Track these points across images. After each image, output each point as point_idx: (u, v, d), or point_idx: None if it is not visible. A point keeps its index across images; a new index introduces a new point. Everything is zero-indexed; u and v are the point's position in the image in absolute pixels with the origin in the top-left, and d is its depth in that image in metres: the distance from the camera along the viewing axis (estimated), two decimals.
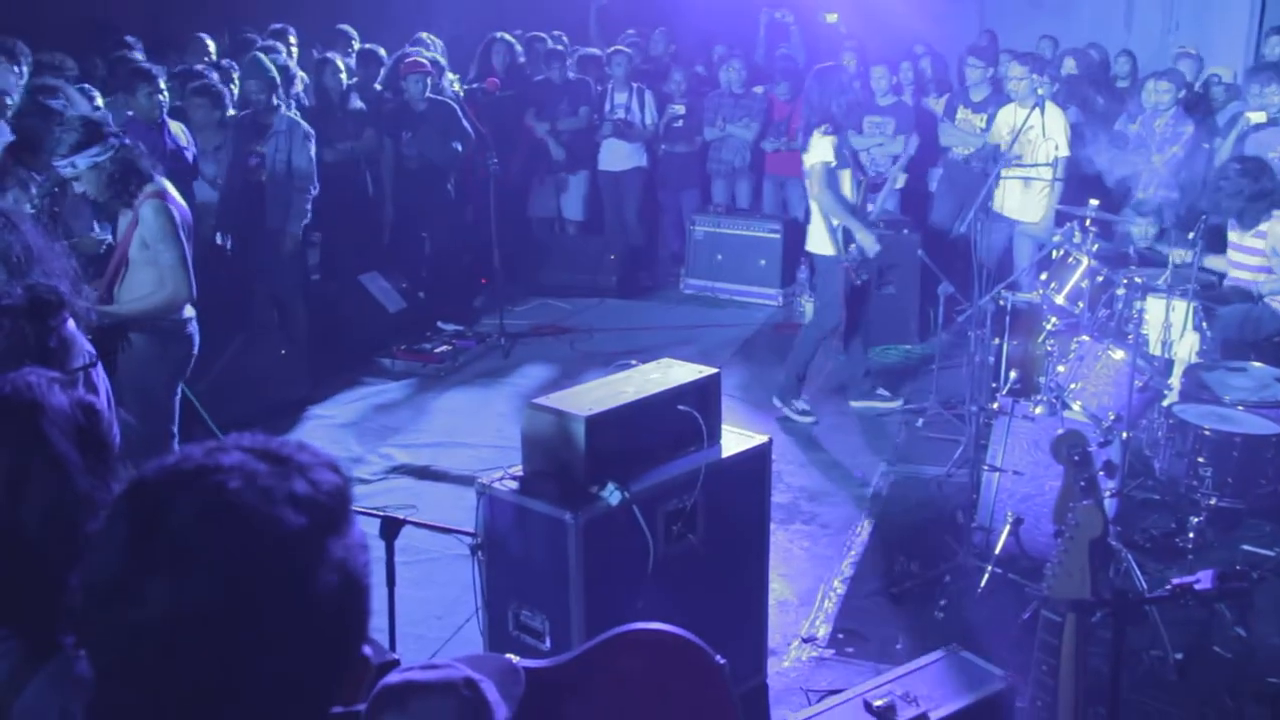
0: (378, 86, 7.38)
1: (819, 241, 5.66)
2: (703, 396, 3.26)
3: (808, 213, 5.79)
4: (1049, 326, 4.97)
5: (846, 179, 5.53)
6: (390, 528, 2.88)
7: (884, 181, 7.16)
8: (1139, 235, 6.02)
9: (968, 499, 4.38)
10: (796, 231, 7.96)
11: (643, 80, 8.45)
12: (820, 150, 5.44)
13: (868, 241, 5.50)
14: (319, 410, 5.95)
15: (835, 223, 5.51)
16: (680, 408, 3.18)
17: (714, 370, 3.34)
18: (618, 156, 8.30)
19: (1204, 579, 2.10)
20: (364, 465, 5.25)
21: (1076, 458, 2.15)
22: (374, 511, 2.95)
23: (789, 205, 8.36)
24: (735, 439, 3.40)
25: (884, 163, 7.59)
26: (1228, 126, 6.97)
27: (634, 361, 3.61)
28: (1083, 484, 2.14)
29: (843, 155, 5.49)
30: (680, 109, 8.43)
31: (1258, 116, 6.57)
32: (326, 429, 5.71)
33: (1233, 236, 5.60)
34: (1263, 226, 5.39)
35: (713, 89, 8.53)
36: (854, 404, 5.97)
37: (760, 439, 3.43)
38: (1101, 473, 2.28)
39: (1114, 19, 10.04)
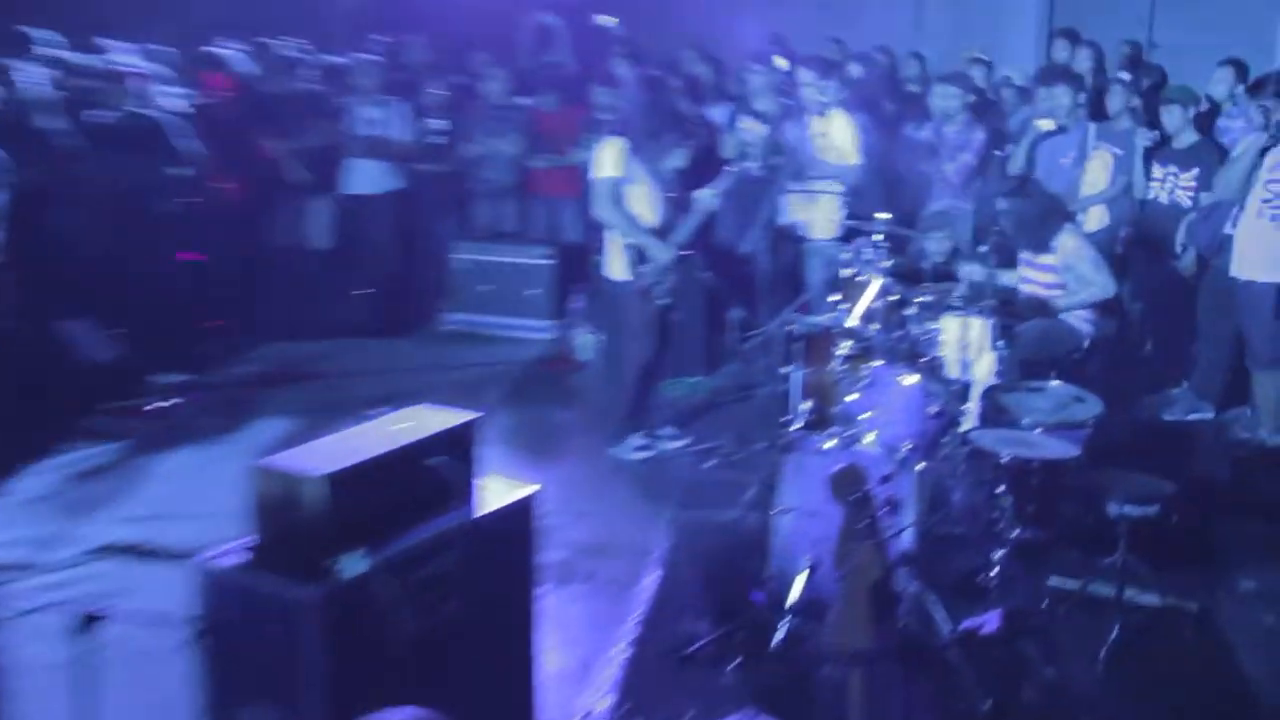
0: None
1: (612, 265, 5.69)
2: (460, 446, 3.16)
3: (593, 235, 5.85)
4: (842, 351, 5.08)
5: (641, 196, 5.56)
6: (87, 624, 2.74)
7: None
8: (934, 250, 6.31)
9: (760, 546, 4.39)
10: (569, 257, 7.97)
11: (396, 92, 8.29)
12: (606, 162, 5.46)
13: (659, 249, 5.54)
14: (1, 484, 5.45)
15: (626, 242, 5.55)
16: (432, 460, 3.07)
17: (475, 415, 3.25)
18: (368, 177, 8.10)
19: (990, 621, 2.11)
20: (60, 547, 4.85)
21: (854, 496, 2.14)
22: (66, 605, 2.67)
23: (561, 228, 8.36)
24: (498, 491, 3.28)
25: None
26: (1019, 133, 7.43)
27: (385, 410, 3.45)
28: (863, 525, 2.12)
29: (636, 170, 5.53)
30: (439, 124, 8.33)
31: (1046, 124, 7.06)
32: (9, 507, 5.23)
33: (1023, 254, 5.94)
34: (1054, 244, 5.74)
35: (473, 100, 8.46)
36: (614, 452, 5.93)
37: (527, 490, 3.32)
38: (886, 510, 2.27)
39: (903, 20, 10.51)
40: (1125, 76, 7.54)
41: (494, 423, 6.04)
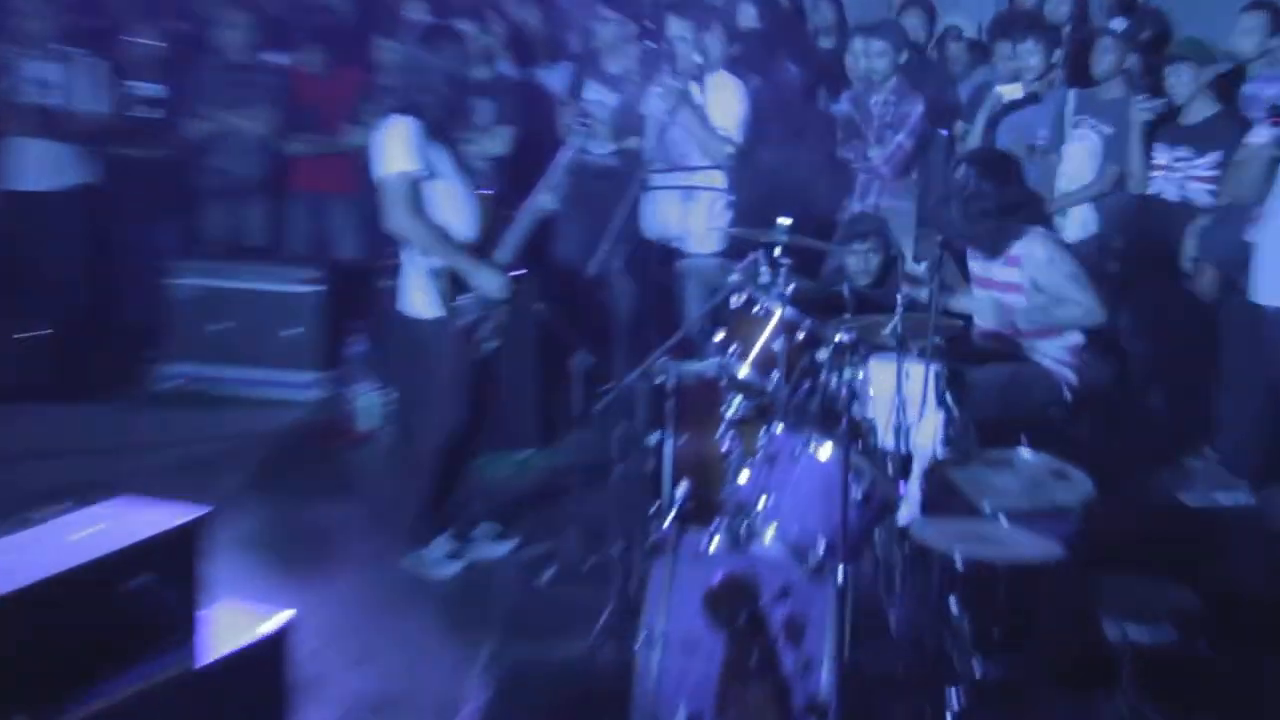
0: None
1: (411, 296, 5.67)
2: (177, 559, 3.18)
3: (380, 251, 5.87)
4: (730, 413, 5.17)
5: (449, 197, 5.57)
6: None
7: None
8: (856, 269, 6.47)
9: (618, 693, 4.40)
10: (345, 282, 7.94)
11: (83, 44, 8.18)
12: (395, 149, 5.46)
13: (481, 273, 5.57)
14: None
15: (432, 264, 5.55)
16: (135, 582, 3.08)
17: (202, 512, 3.28)
18: (40, 167, 8.02)
19: None
20: None
21: (741, 620, 2.16)
22: None
23: (331, 240, 8.33)
24: (235, 625, 3.28)
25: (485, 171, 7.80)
26: (972, 104, 7.74)
27: (65, 507, 3.42)
28: (754, 659, 2.15)
29: (439, 160, 5.54)
30: (149, 89, 8.34)
31: (1011, 90, 7.35)
32: None
33: (976, 267, 6.16)
34: (1016, 250, 5.96)
35: (203, 57, 8.42)
36: (411, 561, 5.90)
37: (278, 621, 3.32)
38: (787, 638, 2.31)
39: None
40: (1117, 26, 7.74)
41: (232, 522, 5.97)
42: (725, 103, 6.98)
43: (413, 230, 5.52)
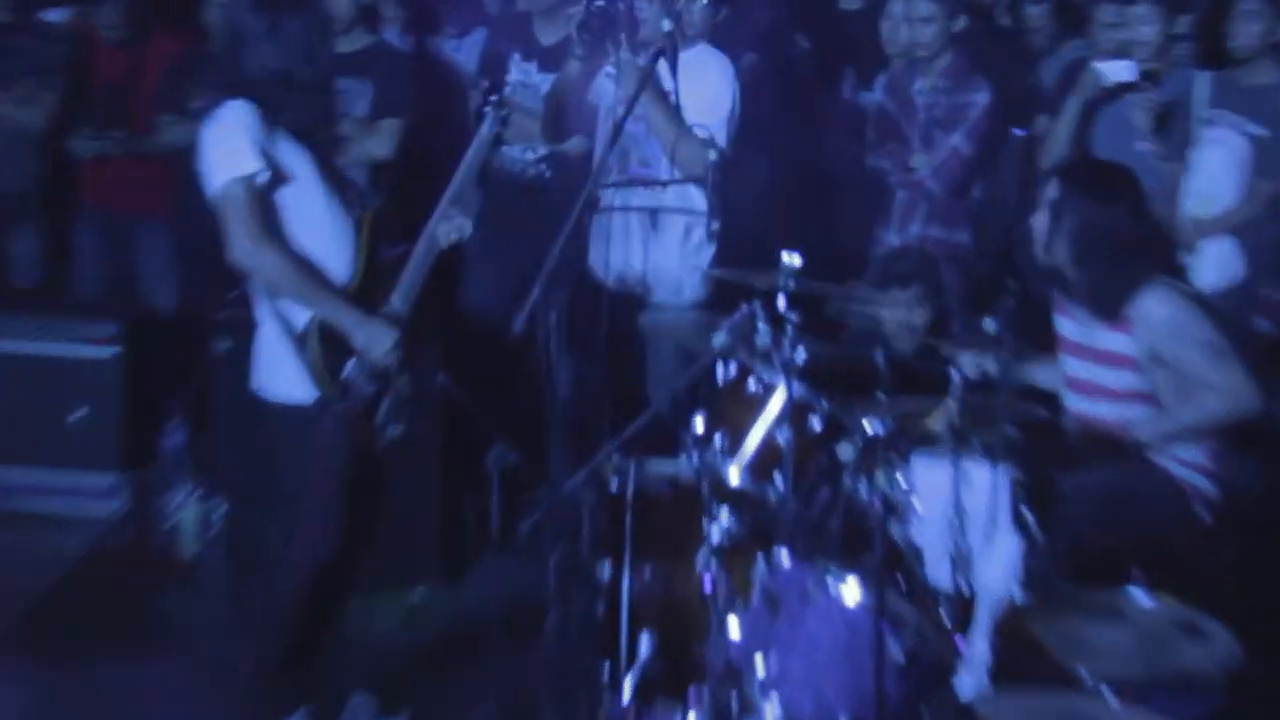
0: None
1: (266, 369, 5.65)
2: None
3: (214, 295, 5.80)
4: (714, 534, 5.17)
5: (314, 218, 5.54)
6: None
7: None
8: (895, 328, 6.50)
9: None
10: (158, 340, 7.91)
11: None
12: (232, 147, 5.41)
13: (374, 337, 5.54)
14: None
15: (297, 317, 5.52)
16: None
17: None
18: None
19: None
20: None
21: None
22: None
23: (137, 279, 8.39)
24: None
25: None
26: (1061, 90, 7.77)
27: None
28: None
29: (297, 163, 5.51)
30: None
31: (1116, 70, 7.40)
32: None
33: (1067, 328, 6.18)
34: (1127, 310, 5.94)
35: None
36: None
37: None
38: None
39: None
40: None
41: None
42: (707, 89, 7.00)
43: (266, 262, 5.44)
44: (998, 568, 5.11)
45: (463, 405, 6.10)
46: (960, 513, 5.07)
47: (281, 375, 5.62)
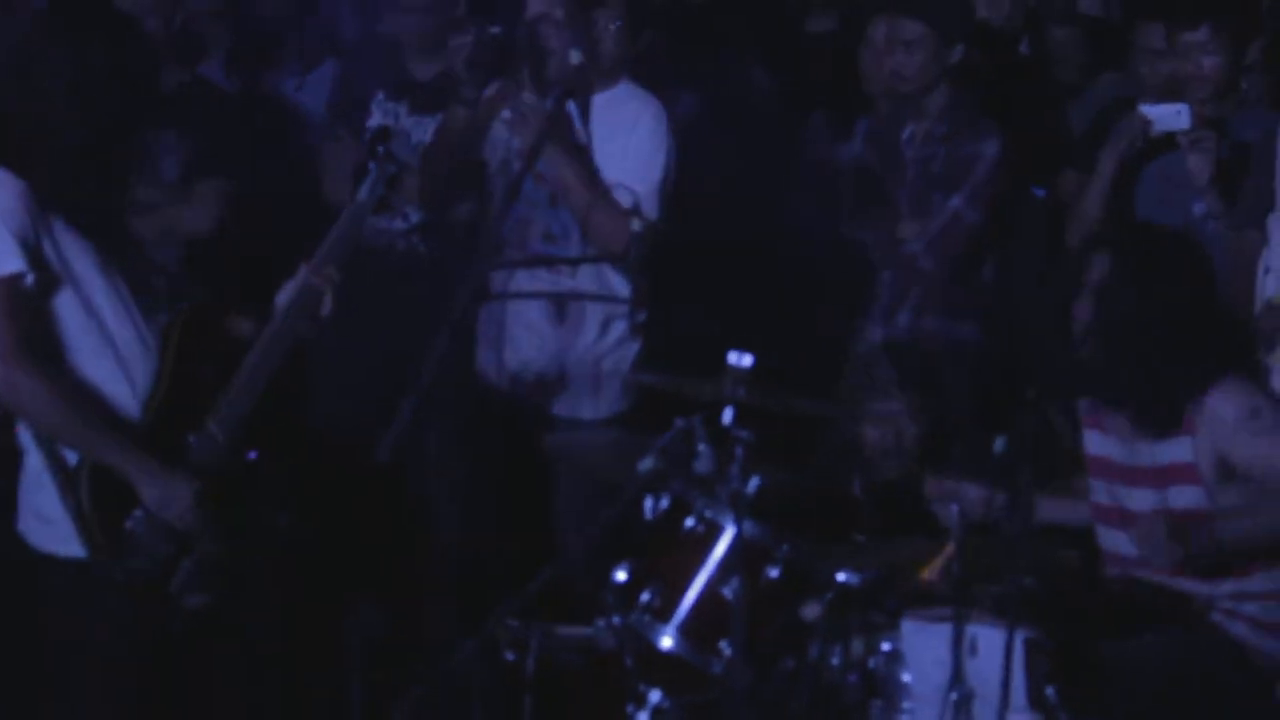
0: None
1: (31, 519, 5.72)
2: None
3: None
4: (644, 718, 5.33)
5: (95, 329, 5.57)
6: None
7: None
8: (877, 447, 6.67)
9: None
10: None
11: None
12: None
13: (164, 490, 5.54)
14: None
15: (63, 458, 5.54)
16: None
17: None
18: None
19: None
20: None
21: None
22: None
23: None
24: None
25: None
26: (1094, 137, 7.90)
27: None
28: None
29: (72, 249, 5.54)
30: None
31: (1167, 115, 7.49)
32: None
33: (1104, 447, 6.27)
34: (1192, 413, 6.00)
35: None
36: None
37: None
38: None
39: None
40: None
41: None
42: (632, 142, 7.11)
43: (24, 389, 5.45)
44: None
45: (313, 556, 6.13)
46: (966, 689, 5.14)
47: (46, 519, 5.66)
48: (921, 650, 5.22)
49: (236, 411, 5.70)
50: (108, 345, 5.58)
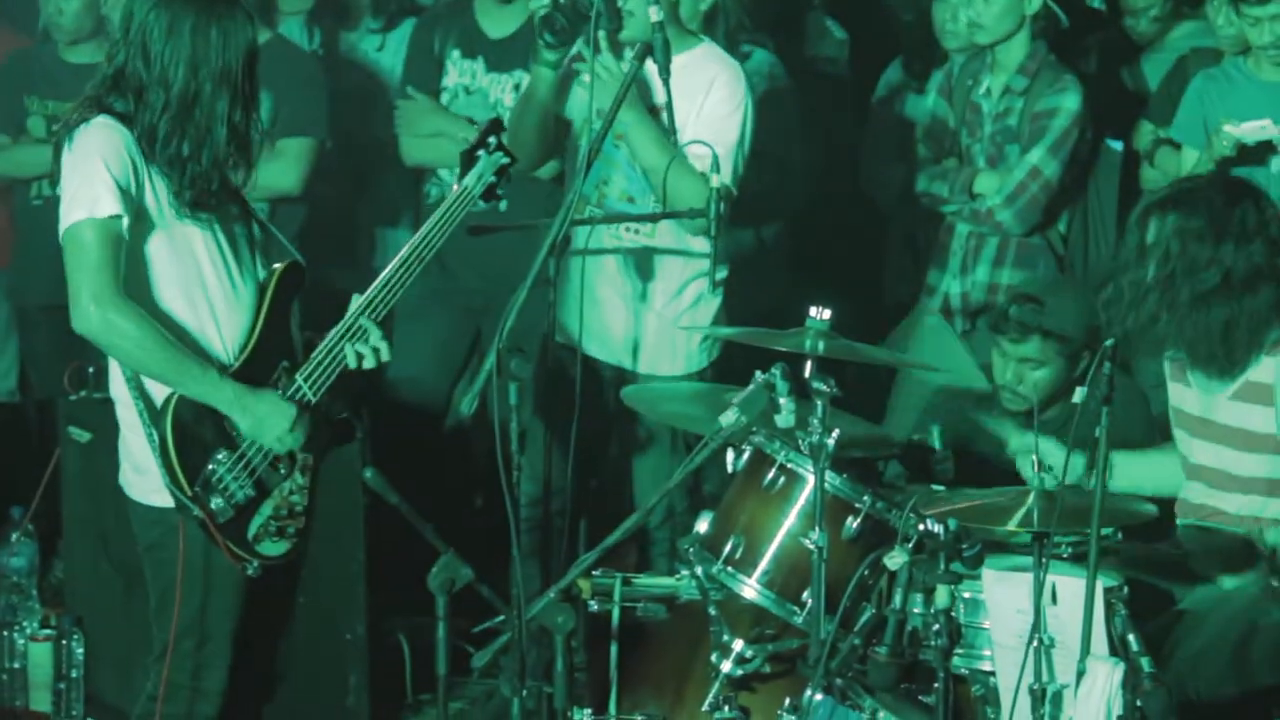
0: None
1: (126, 468, 5.81)
2: None
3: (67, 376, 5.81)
4: (726, 666, 5.38)
5: (195, 277, 5.61)
6: None
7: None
8: (1012, 392, 6.74)
9: None
10: None
11: None
12: (83, 183, 5.42)
13: (268, 421, 5.57)
14: None
15: (156, 401, 5.58)
16: None
17: None
18: None
19: None
20: None
21: None
22: None
23: None
24: None
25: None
26: (1170, 89, 7.98)
27: None
28: None
29: (169, 207, 5.57)
30: None
31: (1254, 131, 7.46)
32: None
33: (1187, 400, 6.31)
34: (1262, 367, 6.07)
35: None
36: None
37: None
38: None
39: None
40: None
41: None
42: (711, 105, 7.11)
43: (116, 327, 5.46)
44: (1095, 706, 5.16)
45: (397, 509, 6.17)
46: (1046, 636, 5.15)
47: (140, 469, 5.75)
48: (1002, 599, 5.23)
49: (326, 370, 5.76)
50: (201, 292, 5.65)
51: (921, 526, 5.17)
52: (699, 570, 5.59)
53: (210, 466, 5.60)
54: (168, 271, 5.62)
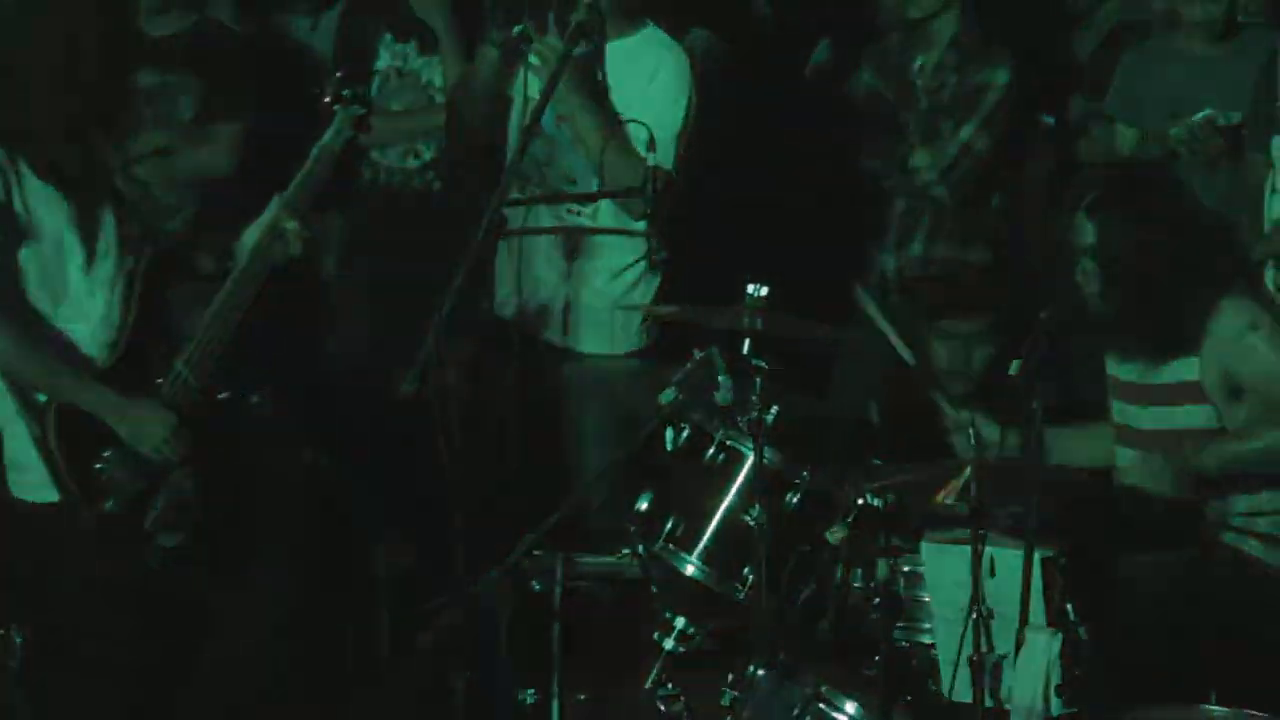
0: None
1: (11, 464, 5.82)
2: None
3: None
4: (668, 643, 5.49)
5: (70, 270, 5.65)
6: None
7: None
8: (950, 367, 6.83)
9: None
10: None
11: None
12: None
13: (136, 424, 5.61)
14: None
15: (33, 402, 5.61)
16: None
17: None
18: None
19: None
20: None
21: None
22: None
23: None
24: None
25: None
26: (1100, 61, 8.18)
27: None
28: None
29: (43, 205, 5.61)
30: None
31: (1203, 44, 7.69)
32: None
33: (1122, 369, 6.40)
34: (1200, 333, 6.14)
35: None
36: None
37: None
38: None
39: None
40: None
41: None
42: (651, 88, 7.18)
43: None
44: (1033, 676, 5.22)
45: (338, 491, 6.21)
46: (984, 608, 5.22)
47: (20, 467, 5.81)
48: (941, 571, 5.31)
49: (207, 351, 5.81)
50: (74, 294, 5.70)
51: (861, 501, 5.24)
52: (640, 548, 5.66)
53: (98, 466, 5.68)
54: (33, 271, 5.66)
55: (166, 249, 5.92)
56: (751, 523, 5.36)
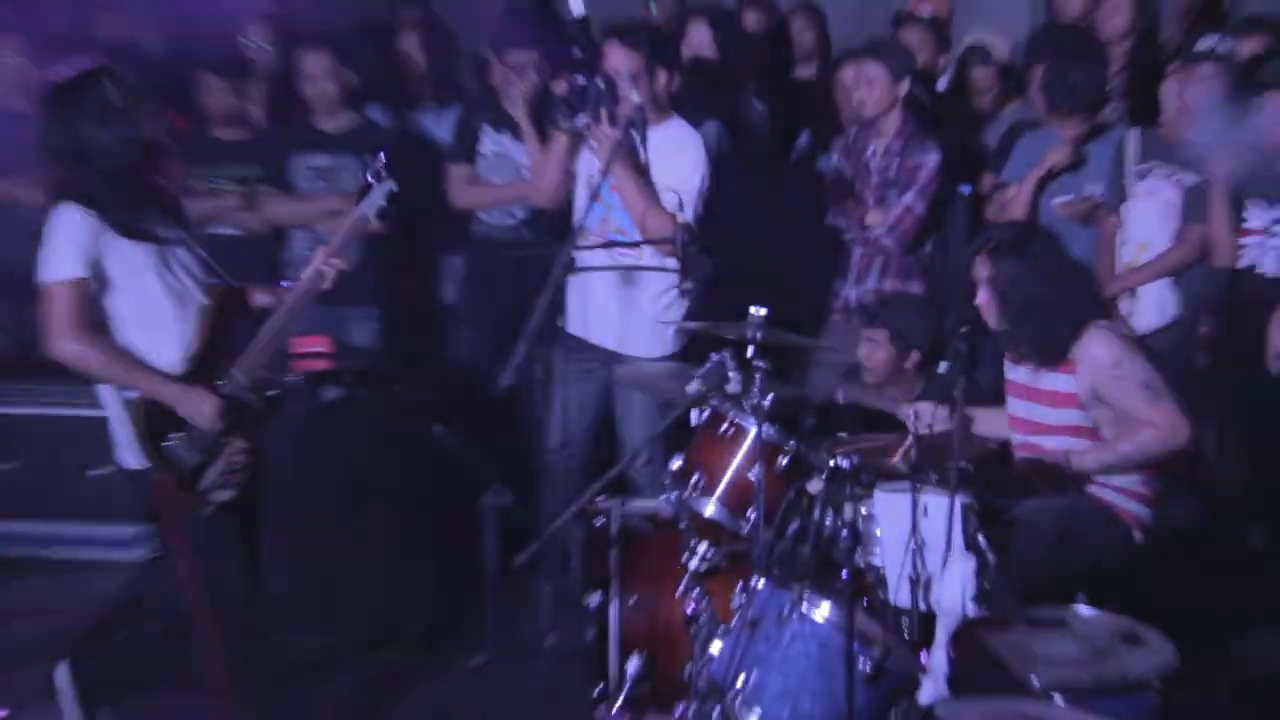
0: None
1: (118, 441, 5.86)
2: None
3: None
4: (694, 564, 5.52)
5: (149, 305, 5.74)
6: None
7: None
8: (865, 356, 6.84)
9: None
10: None
11: None
12: (53, 253, 5.53)
13: (191, 407, 5.69)
14: None
15: (125, 396, 5.72)
16: None
17: None
18: None
19: None
20: None
21: None
22: None
23: None
24: None
25: None
26: (1003, 149, 8.16)
27: None
28: None
29: (128, 257, 5.65)
30: None
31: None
32: None
33: (1016, 373, 6.45)
34: (1074, 354, 6.17)
35: None
36: None
37: None
38: None
39: None
40: (1212, 41, 7.80)
41: None
42: (678, 162, 7.26)
43: (73, 353, 5.61)
44: (954, 587, 5.24)
45: (459, 452, 6.24)
46: (919, 539, 5.28)
47: (123, 445, 5.82)
48: (889, 513, 5.36)
49: (258, 360, 5.82)
50: (151, 319, 5.70)
51: (832, 462, 5.29)
52: (673, 495, 5.74)
53: (167, 444, 5.71)
54: (126, 306, 5.69)
55: (225, 291, 5.92)
56: (754, 478, 5.44)
